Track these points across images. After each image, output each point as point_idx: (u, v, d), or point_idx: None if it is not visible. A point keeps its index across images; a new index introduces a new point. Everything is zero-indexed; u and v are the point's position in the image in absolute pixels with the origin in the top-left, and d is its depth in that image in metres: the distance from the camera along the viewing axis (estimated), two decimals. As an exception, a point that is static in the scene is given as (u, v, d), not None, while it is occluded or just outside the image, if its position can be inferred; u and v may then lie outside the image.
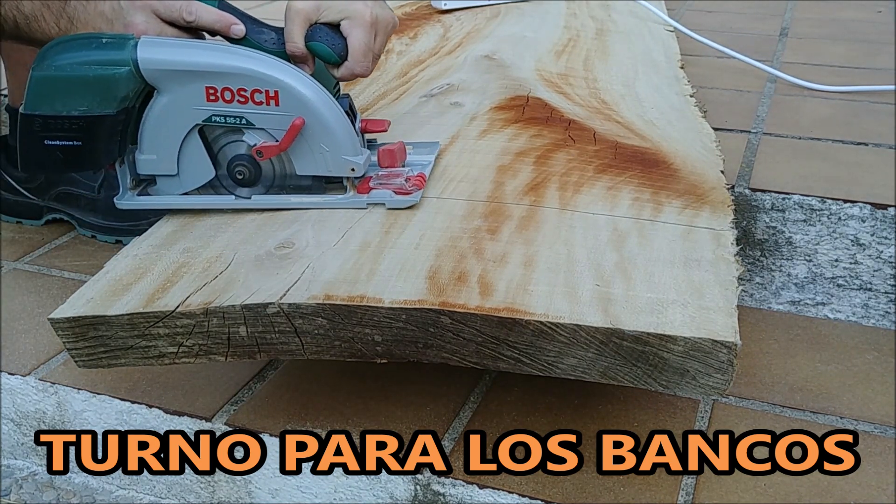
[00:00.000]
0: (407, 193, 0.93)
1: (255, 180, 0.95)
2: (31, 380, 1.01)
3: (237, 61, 0.89)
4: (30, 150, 0.90)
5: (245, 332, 0.81)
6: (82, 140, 0.89)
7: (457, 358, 0.79)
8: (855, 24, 1.98)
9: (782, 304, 1.18)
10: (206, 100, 0.90)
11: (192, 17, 0.93)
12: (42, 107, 0.88)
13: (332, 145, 0.92)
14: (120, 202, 0.96)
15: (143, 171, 0.95)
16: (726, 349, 0.74)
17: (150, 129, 0.92)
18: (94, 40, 0.89)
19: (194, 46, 0.91)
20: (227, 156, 0.94)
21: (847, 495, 0.85)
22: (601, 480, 0.86)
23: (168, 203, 0.97)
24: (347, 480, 0.89)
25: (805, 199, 1.13)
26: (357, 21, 0.96)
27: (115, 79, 0.88)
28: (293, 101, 0.90)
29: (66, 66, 0.88)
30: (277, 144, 0.91)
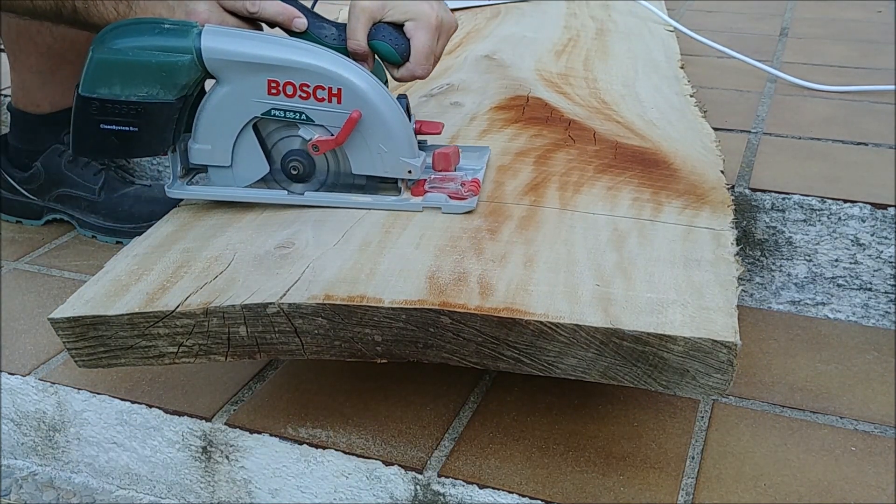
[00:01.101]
0: (462, 199, 0.92)
1: (308, 176, 0.94)
2: (31, 380, 1.01)
3: (302, 56, 0.88)
4: (84, 134, 0.89)
5: (245, 332, 0.81)
6: (139, 126, 0.88)
7: (457, 358, 0.79)
8: (855, 24, 1.98)
9: (782, 304, 1.18)
10: (267, 93, 0.89)
11: (255, 7, 0.92)
12: (100, 90, 0.87)
13: (391, 146, 0.91)
14: (170, 190, 0.95)
15: (196, 161, 0.94)
16: (726, 349, 0.74)
17: (206, 119, 0.91)
18: (155, 26, 0.88)
19: (259, 38, 0.89)
20: (282, 150, 0.93)
21: (847, 495, 0.85)
22: (601, 480, 0.86)
23: (219, 194, 0.96)
24: (347, 480, 0.89)
25: (805, 199, 1.13)
26: (422, 23, 0.95)
27: (177, 66, 0.87)
28: (355, 99, 0.89)
29: (127, 50, 0.87)
30: (334, 138, 0.90)
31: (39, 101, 1.33)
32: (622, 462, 0.88)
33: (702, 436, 0.92)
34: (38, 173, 1.34)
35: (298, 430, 0.92)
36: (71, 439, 1.01)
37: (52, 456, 1.03)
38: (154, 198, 1.32)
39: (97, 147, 0.90)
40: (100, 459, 1.00)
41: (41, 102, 1.33)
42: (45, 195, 1.36)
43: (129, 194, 1.33)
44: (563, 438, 0.91)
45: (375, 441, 0.90)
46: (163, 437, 0.96)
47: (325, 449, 0.90)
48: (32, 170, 1.34)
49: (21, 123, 1.35)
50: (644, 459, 0.88)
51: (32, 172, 1.35)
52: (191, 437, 0.95)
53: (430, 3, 0.96)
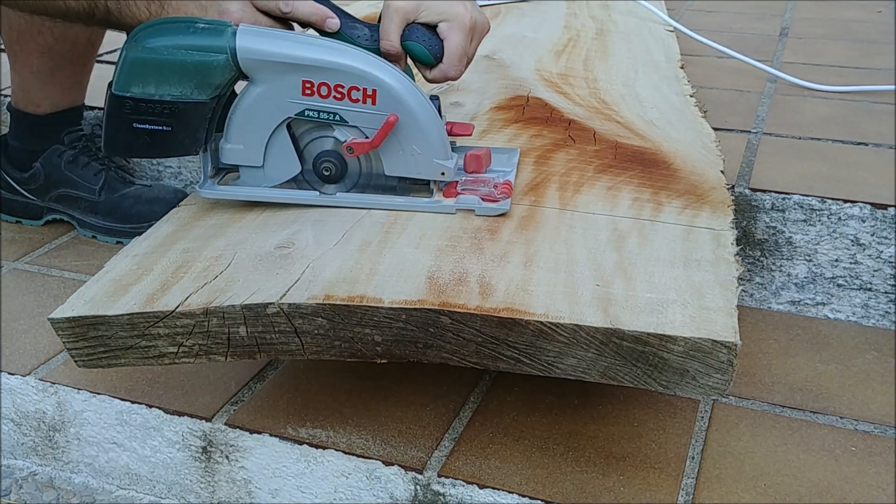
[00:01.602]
0: (495, 201, 0.92)
1: (340, 177, 0.93)
2: (31, 380, 1.01)
3: (337, 57, 0.88)
4: (116, 132, 0.89)
5: (245, 332, 0.81)
6: (172, 126, 0.88)
7: (457, 358, 0.79)
8: (855, 24, 1.98)
9: (782, 304, 1.18)
10: (301, 93, 0.89)
11: (288, 7, 0.92)
12: (134, 89, 0.87)
13: (425, 148, 0.90)
14: (201, 191, 0.95)
15: (228, 161, 0.93)
16: (726, 349, 0.74)
17: (239, 119, 0.91)
18: (190, 25, 0.88)
19: (294, 39, 0.89)
20: (314, 151, 0.93)
21: (847, 495, 0.85)
22: (601, 480, 0.86)
23: (251, 194, 0.95)
24: (347, 480, 0.89)
25: (805, 199, 1.13)
26: (456, 24, 0.94)
27: (211, 66, 0.87)
28: (390, 101, 0.88)
29: (161, 49, 0.86)
30: (370, 141, 0.89)
31: (40, 102, 1.32)
32: (622, 462, 0.88)
33: (702, 436, 0.92)
34: (37, 173, 1.34)
35: (298, 430, 0.92)
36: (71, 439, 1.01)
37: (52, 456, 1.03)
38: (155, 198, 1.32)
39: (129, 146, 0.89)
40: (100, 459, 1.00)
41: (41, 103, 1.32)
42: (44, 195, 1.36)
43: (130, 194, 1.33)
44: (563, 438, 0.91)
45: (375, 441, 0.90)
46: (163, 437, 0.96)
47: (325, 449, 0.90)
48: (32, 170, 1.34)
49: (21, 123, 1.35)
50: (644, 459, 0.88)
51: (32, 173, 1.35)
52: (191, 437, 0.95)
53: (463, 4, 0.95)
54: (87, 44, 1.32)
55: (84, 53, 1.33)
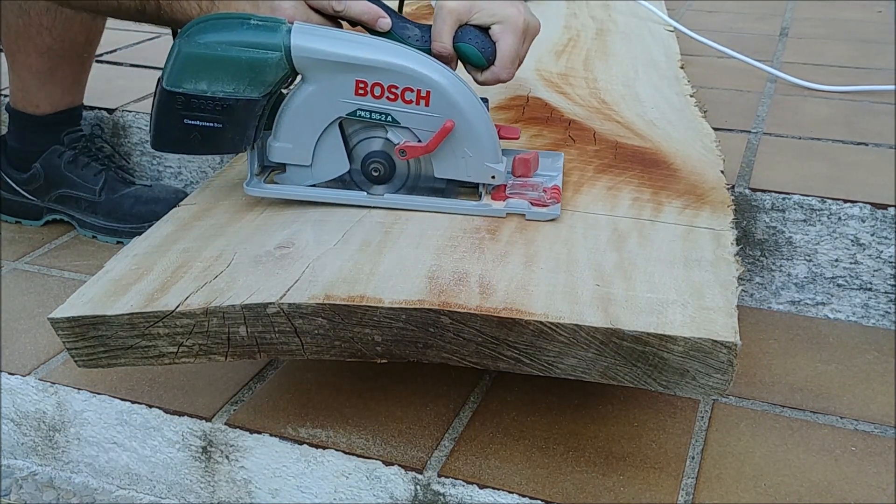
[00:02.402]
0: (544, 205, 0.91)
1: (387, 178, 0.93)
2: (31, 380, 1.01)
3: (392, 57, 0.87)
4: (167, 128, 0.88)
5: (245, 331, 0.81)
6: (223, 123, 0.87)
7: (457, 358, 0.79)
8: (855, 24, 1.98)
9: (782, 304, 1.18)
10: (354, 93, 0.88)
11: (341, 6, 0.91)
12: (186, 84, 0.86)
13: (477, 151, 0.90)
14: (249, 188, 0.94)
15: (276, 159, 0.92)
16: (726, 349, 0.74)
17: (289, 117, 0.90)
18: (243, 21, 0.87)
19: (348, 38, 0.88)
20: (363, 151, 0.92)
21: (847, 495, 0.85)
22: (601, 480, 0.86)
23: (299, 194, 0.94)
24: (347, 480, 0.89)
25: (805, 199, 1.13)
26: (510, 26, 0.94)
27: (266, 63, 0.86)
28: (444, 103, 0.87)
29: (215, 45, 0.85)
30: (424, 146, 0.89)
31: (39, 102, 1.32)
32: (622, 462, 0.88)
33: (702, 436, 0.92)
34: (37, 174, 1.34)
35: (298, 430, 0.92)
36: (71, 439, 1.01)
37: (52, 456, 1.03)
38: (155, 198, 1.32)
39: (178, 142, 0.89)
40: (100, 459, 1.00)
41: (40, 103, 1.32)
42: (44, 196, 1.36)
43: (130, 194, 1.33)
44: (563, 438, 0.91)
45: (375, 441, 0.90)
46: (163, 437, 0.96)
47: (325, 449, 0.90)
48: (32, 171, 1.34)
49: (20, 124, 1.35)
50: (644, 459, 0.88)
51: (32, 173, 1.34)
52: (191, 437, 0.95)
53: (516, 6, 0.95)
54: (85, 44, 1.32)
55: (83, 54, 1.33)
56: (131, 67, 1.68)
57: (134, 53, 1.76)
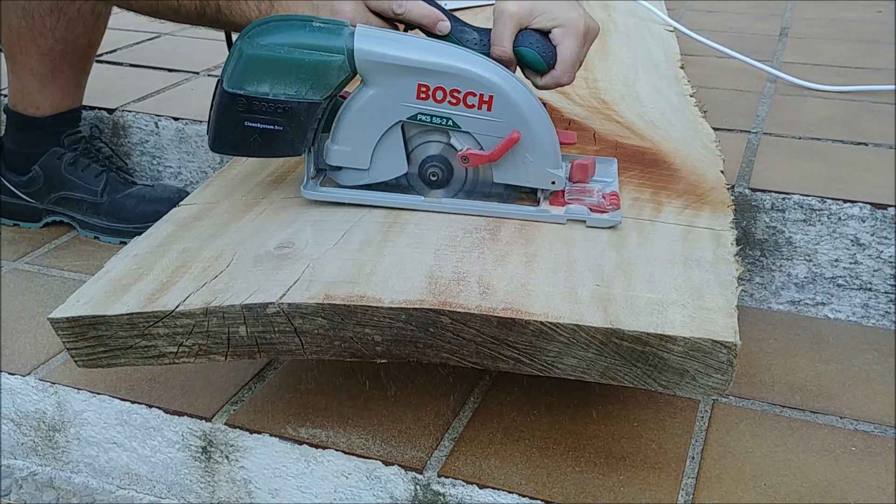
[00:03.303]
0: (603, 212, 0.90)
1: (445, 182, 0.92)
2: (31, 380, 1.01)
3: (455, 61, 0.86)
4: (227, 130, 0.87)
5: (245, 331, 0.81)
6: (283, 126, 0.87)
7: (457, 358, 0.79)
8: (855, 24, 1.98)
9: (782, 304, 1.18)
10: (415, 97, 0.87)
11: (402, 9, 0.91)
12: (247, 86, 0.85)
13: (538, 156, 0.89)
14: (306, 192, 0.93)
15: (334, 162, 0.91)
16: (726, 349, 0.74)
17: (349, 121, 0.89)
18: (306, 23, 0.86)
19: (410, 41, 0.88)
20: (421, 155, 0.91)
21: (847, 495, 0.85)
22: (601, 480, 0.86)
23: (357, 198, 0.93)
24: (347, 480, 0.89)
25: (805, 199, 1.13)
26: (571, 30, 0.93)
27: (329, 66, 0.85)
28: (507, 108, 0.87)
29: (278, 47, 0.85)
30: (488, 155, 0.88)
31: (39, 104, 1.32)
32: (622, 462, 0.88)
33: (702, 436, 0.92)
34: (37, 177, 1.33)
35: (298, 430, 0.92)
36: (71, 439, 1.01)
37: (52, 456, 1.03)
38: (158, 198, 1.32)
39: (238, 144, 0.88)
40: (100, 459, 1.00)
41: (41, 105, 1.32)
42: (44, 198, 1.35)
43: (133, 194, 1.33)
44: (563, 438, 0.91)
45: (375, 441, 0.90)
46: (163, 438, 0.96)
47: (325, 449, 0.90)
48: (31, 173, 1.33)
49: (19, 126, 1.34)
50: (644, 459, 0.88)
51: (31, 176, 1.34)
52: (191, 437, 0.95)
53: (577, 9, 0.93)
54: (87, 46, 1.32)
55: (84, 55, 1.33)
56: (131, 67, 1.68)
57: (134, 53, 1.76)
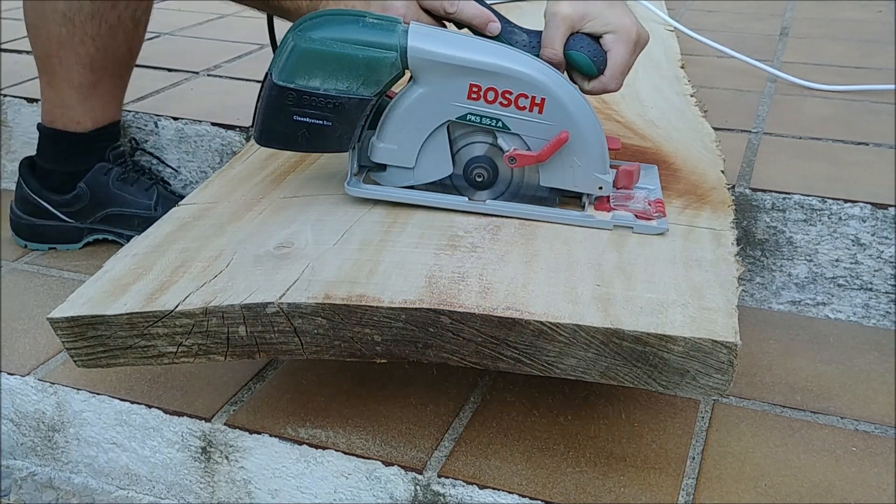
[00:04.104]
0: (649, 219, 0.90)
1: (490, 184, 0.91)
2: (31, 380, 1.01)
3: (509, 62, 0.86)
4: (275, 123, 0.87)
5: (244, 331, 0.81)
6: (333, 121, 0.86)
7: (457, 358, 0.79)
8: (855, 24, 1.98)
9: (783, 304, 1.18)
10: (466, 97, 0.86)
11: (454, 8, 0.90)
12: (298, 80, 0.84)
13: (586, 161, 0.88)
14: (349, 188, 0.92)
15: (379, 160, 0.90)
16: (726, 349, 0.73)
17: (396, 119, 0.88)
18: (359, 18, 0.86)
19: (464, 41, 0.87)
20: (466, 156, 0.90)
21: (847, 495, 0.85)
22: (601, 480, 0.86)
23: (400, 196, 0.92)
24: (347, 481, 0.89)
25: (805, 198, 1.13)
26: (623, 37, 0.92)
27: (382, 62, 0.84)
28: (558, 111, 0.86)
29: (331, 41, 0.84)
30: (536, 155, 0.87)
31: (80, 118, 1.26)
32: (622, 462, 0.88)
33: (702, 436, 0.92)
34: (82, 195, 1.28)
35: (298, 430, 0.92)
36: (70, 440, 1.01)
37: (51, 456, 1.03)
38: None
39: (285, 138, 0.87)
40: (99, 460, 1.00)
41: (82, 119, 1.26)
42: (88, 217, 1.29)
43: None
44: (563, 438, 0.91)
45: (375, 441, 0.90)
46: (162, 438, 0.96)
47: (325, 449, 0.90)
48: (76, 191, 1.28)
49: (58, 144, 1.28)
50: (644, 459, 0.88)
51: (76, 194, 1.28)
52: (190, 437, 0.95)
53: (629, 16, 0.93)
54: (127, 55, 1.27)
55: (124, 65, 1.28)
56: (131, 67, 1.68)
57: (134, 53, 1.76)
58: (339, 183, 0.99)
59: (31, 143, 1.51)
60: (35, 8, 1.21)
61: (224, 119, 1.40)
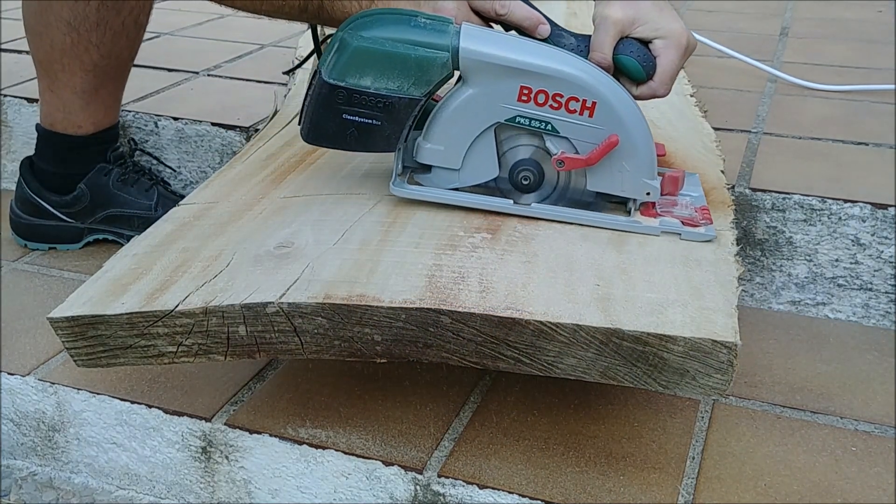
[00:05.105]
0: (696, 226, 0.89)
1: (535, 187, 0.91)
2: (31, 380, 1.01)
3: (562, 65, 0.85)
4: (324, 122, 0.86)
5: (244, 331, 0.81)
6: (382, 121, 0.86)
7: (457, 358, 0.79)
8: (855, 24, 1.98)
9: (782, 304, 1.18)
10: (516, 99, 0.86)
11: (504, 10, 0.90)
12: (349, 79, 0.84)
13: (635, 166, 0.88)
14: (395, 188, 0.91)
15: (424, 160, 0.90)
16: (726, 349, 0.74)
17: (444, 120, 0.88)
18: (410, 18, 0.86)
19: (516, 42, 0.87)
20: (513, 158, 0.90)
21: (847, 495, 0.85)
22: (601, 480, 0.86)
23: (446, 198, 0.91)
24: (347, 481, 0.89)
25: (805, 198, 1.13)
26: (673, 43, 0.91)
27: (433, 63, 0.84)
28: (609, 115, 0.86)
29: (383, 41, 0.84)
30: (585, 159, 0.86)
31: (82, 123, 1.26)
32: (622, 462, 0.88)
33: (702, 436, 0.92)
34: (82, 195, 1.28)
35: (298, 430, 0.92)
36: (70, 439, 1.01)
37: (51, 456, 1.03)
38: None
39: (334, 136, 0.87)
40: (99, 460, 1.00)
41: (83, 123, 1.27)
42: (88, 217, 1.30)
43: None
44: (563, 438, 0.91)
45: (375, 441, 0.90)
46: (162, 438, 0.96)
47: (325, 449, 0.90)
48: (76, 192, 1.28)
49: (58, 147, 1.28)
50: (644, 459, 0.88)
51: (76, 195, 1.28)
52: (190, 437, 0.95)
53: (678, 21, 0.92)
54: (128, 59, 1.27)
55: (125, 69, 1.29)
56: (131, 67, 1.68)
57: (134, 53, 1.76)
58: (340, 183, 0.99)
59: (31, 143, 1.51)
60: (37, 14, 1.21)
61: (224, 119, 1.40)
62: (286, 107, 1.30)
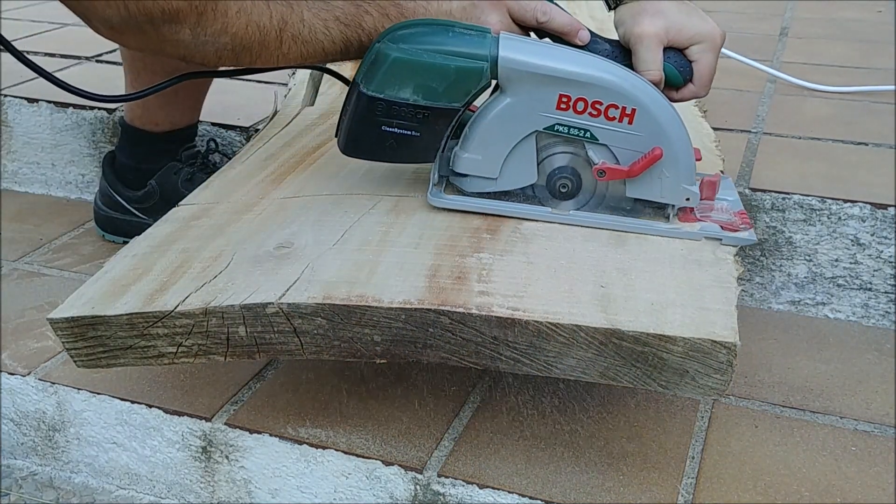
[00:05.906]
0: (735, 230, 0.89)
1: (573, 194, 0.90)
2: (31, 380, 1.01)
3: (600, 72, 0.85)
4: (363, 135, 0.86)
5: (244, 331, 0.81)
6: (420, 131, 0.85)
7: (456, 358, 0.79)
8: (855, 24, 1.98)
9: (782, 304, 1.18)
10: (555, 107, 0.85)
11: (545, 17, 0.89)
12: (388, 90, 0.84)
13: (674, 172, 0.87)
14: (432, 199, 0.91)
15: (462, 170, 0.89)
16: (726, 349, 0.74)
17: (483, 129, 0.87)
18: (448, 28, 0.85)
19: (554, 50, 0.86)
20: (550, 166, 0.89)
21: (847, 495, 0.85)
22: (601, 480, 0.86)
23: (485, 207, 0.91)
24: (347, 480, 0.89)
25: (805, 198, 1.13)
26: (709, 46, 0.91)
27: (472, 72, 0.84)
28: (648, 122, 0.85)
29: (421, 51, 0.83)
30: (627, 170, 0.86)
31: (159, 120, 1.28)
32: (622, 462, 0.88)
33: (702, 436, 0.92)
34: (152, 192, 1.30)
35: (298, 430, 0.92)
36: (71, 439, 1.01)
37: (52, 456, 1.03)
38: None
39: (373, 149, 0.87)
40: (100, 459, 1.00)
41: (161, 121, 1.28)
42: (158, 214, 1.29)
43: None
44: (563, 438, 0.91)
45: (375, 441, 0.90)
46: (163, 437, 0.96)
47: (325, 449, 0.90)
48: (147, 188, 1.30)
49: (136, 141, 1.30)
50: (644, 459, 0.88)
51: (147, 191, 1.30)
52: (191, 437, 0.95)
53: (707, 21, 0.92)
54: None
55: None
56: (131, 67, 1.68)
57: (134, 53, 1.76)
58: (340, 183, 0.99)
59: (31, 143, 1.51)
60: None
61: (224, 119, 1.40)
62: (286, 107, 1.30)
